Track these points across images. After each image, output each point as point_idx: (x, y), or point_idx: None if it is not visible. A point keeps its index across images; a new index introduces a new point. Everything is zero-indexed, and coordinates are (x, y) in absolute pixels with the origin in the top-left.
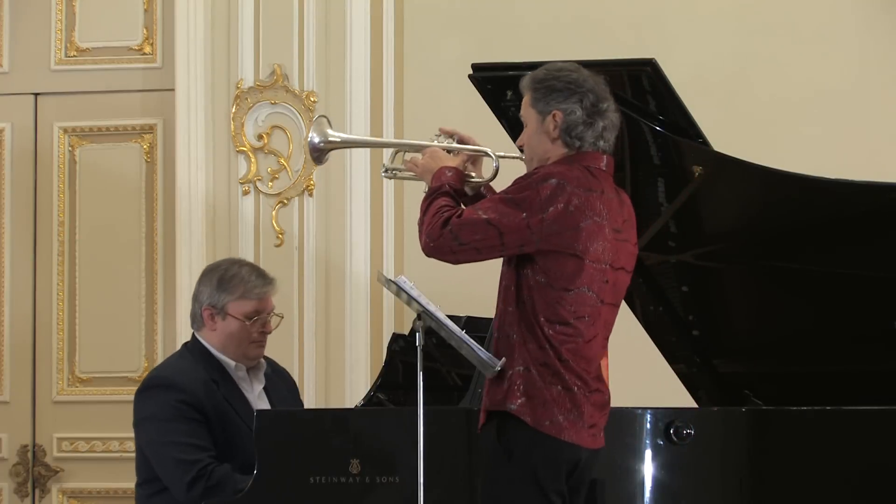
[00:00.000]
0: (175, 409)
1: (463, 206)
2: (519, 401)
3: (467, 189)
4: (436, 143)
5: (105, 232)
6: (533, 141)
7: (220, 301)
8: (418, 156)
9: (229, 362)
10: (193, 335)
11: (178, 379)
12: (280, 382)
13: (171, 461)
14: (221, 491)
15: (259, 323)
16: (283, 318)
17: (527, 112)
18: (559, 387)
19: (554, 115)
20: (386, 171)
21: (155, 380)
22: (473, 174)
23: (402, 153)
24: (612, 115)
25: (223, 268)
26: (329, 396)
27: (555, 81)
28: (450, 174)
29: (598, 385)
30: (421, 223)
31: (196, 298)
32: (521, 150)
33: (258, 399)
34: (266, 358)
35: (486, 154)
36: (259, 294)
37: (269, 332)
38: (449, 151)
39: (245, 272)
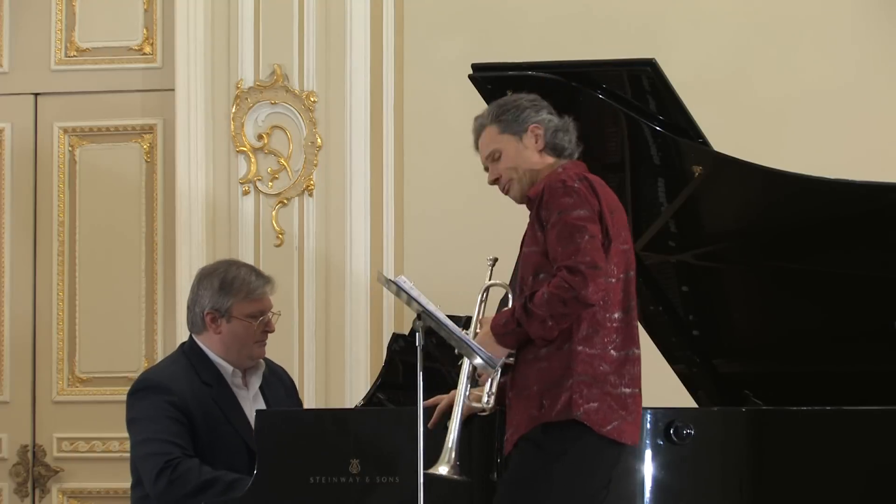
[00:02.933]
0: (160, 409)
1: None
2: (585, 406)
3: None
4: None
5: (105, 232)
6: (516, 162)
7: (224, 304)
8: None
9: (226, 367)
10: (191, 339)
11: (167, 381)
12: (278, 383)
13: (145, 457)
14: (184, 484)
15: (262, 322)
16: (280, 314)
17: (497, 142)
18: (614, 388)
19: (533, 129)
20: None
21: (144, 382)
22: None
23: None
24: (571, 123)
25: (222, 270)
26: (329, 396)
27: (519, 102)
28: (501, 320)
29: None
30: (555, 309)
31: (196, 303)
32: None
33: (254, 400)
34: (264, 359)
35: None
36: (261, 294)
37: (272, 331)
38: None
39: (245, 273)
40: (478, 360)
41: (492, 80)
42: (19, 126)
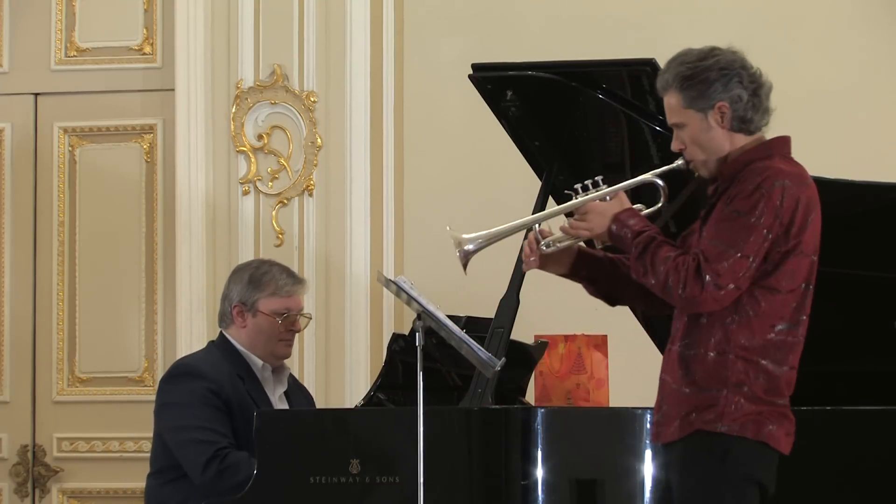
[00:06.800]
0: (199, 396)
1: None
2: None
3: None
4: (583, 196)
5: (105, 232)
6: (702, 139)
7: (251, 298)
8: (574, 220)
9: (256, 361)
10: (221, 333)
11: (205, 368)
12: (300, 395)
13: (189, 442)
14: (235, 474)
15: (288, 321)
16: (311, 318)
17: (679, 115)
18: None
19: (720, 108)
20: (548, 246)
21: (182, 368)
22: (642, 206)
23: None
24: (766, 79)
25: (254, 266)
26: (329, 396)
27: (708, 74)
28: (632, 221)
29: None
30: (659, 281)
31: (226, 297)
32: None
33: (279, 401)
34: (291, 375)
35: (648, 182)
36: (289, 292)
37: (298, 331)
38: (604, 199)
39: (276, 270)
40: (478, 361)
41: (492, 80)
42: (19, 126)
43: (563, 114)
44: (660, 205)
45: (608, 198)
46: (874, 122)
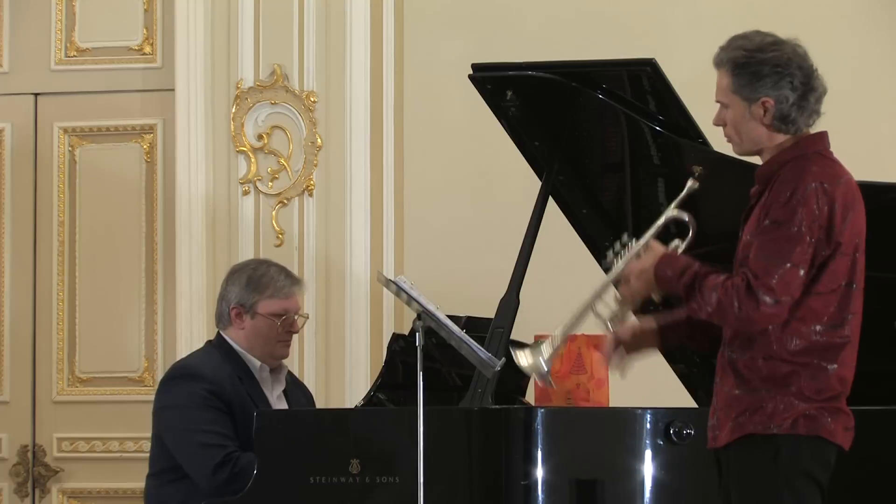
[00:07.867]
0: (201, 398)
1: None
2: None
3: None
4: (619, 263)
5: (105, 232)
6: (741, 127)
7: (250, 300)
8: (622, 288)
9: (254, 361)
10: (218, 334)
11: (205, 370)
12: (300, 393)
13: (196, 446)
14: (245, 478)
15: (286, 322)
16: (308, 318)
17: (726, 96)
18: None
19: (763, 103)
20: (614, 326)
21: (182, 369)
22: (678, 244)
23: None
24: (820, 83)
25: (251, 267)
26: (329, 396)
27: (762, 67)
28: (670, 271)
29: None
30: (714, 309)
31: (223, 298)
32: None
33: (277, 401)
34: (289, 371)
35: (673, 219)
36: (288, 293)
37: (296, 332)
38: (639, 255)
39: (274, 272)
40: (478, 361)
41: (492, 80)
42: (19, 126)
43: (562, 114)
44: (690, 235)
45: (642, 251)
46: (873, 123)
